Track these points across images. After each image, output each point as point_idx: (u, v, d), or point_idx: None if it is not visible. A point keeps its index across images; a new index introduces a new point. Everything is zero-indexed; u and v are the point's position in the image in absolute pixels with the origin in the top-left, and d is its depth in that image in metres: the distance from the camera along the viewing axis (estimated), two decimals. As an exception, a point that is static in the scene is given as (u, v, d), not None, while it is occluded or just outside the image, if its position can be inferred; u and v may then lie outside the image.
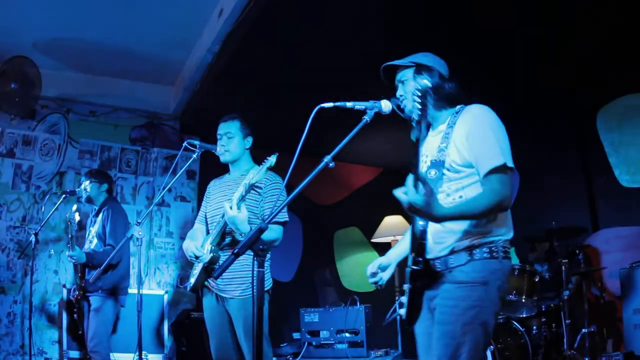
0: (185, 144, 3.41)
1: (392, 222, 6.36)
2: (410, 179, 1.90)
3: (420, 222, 2.08)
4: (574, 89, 4.91)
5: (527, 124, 5.06)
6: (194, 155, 3.45)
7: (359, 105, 2.16)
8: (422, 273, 2.09)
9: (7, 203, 5.24)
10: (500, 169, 1.97)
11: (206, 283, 3.16)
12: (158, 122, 6.01)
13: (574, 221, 4.81)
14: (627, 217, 4.76)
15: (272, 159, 2.82)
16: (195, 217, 3.58)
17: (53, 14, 4.63)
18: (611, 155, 4.93)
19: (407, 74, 2.26)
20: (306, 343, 5.16)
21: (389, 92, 2.35)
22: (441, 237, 2.10)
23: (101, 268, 3.78)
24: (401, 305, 2.24)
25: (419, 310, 2.16)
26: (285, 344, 5.42)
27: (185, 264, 5.76)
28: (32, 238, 4.58)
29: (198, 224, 3.40)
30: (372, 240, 6.61)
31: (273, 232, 3.07)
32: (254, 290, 1.93)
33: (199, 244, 3.15)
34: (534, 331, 4.27)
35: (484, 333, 1.99)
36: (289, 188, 2.27)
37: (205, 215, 3.36)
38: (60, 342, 4.98)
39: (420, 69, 2.22)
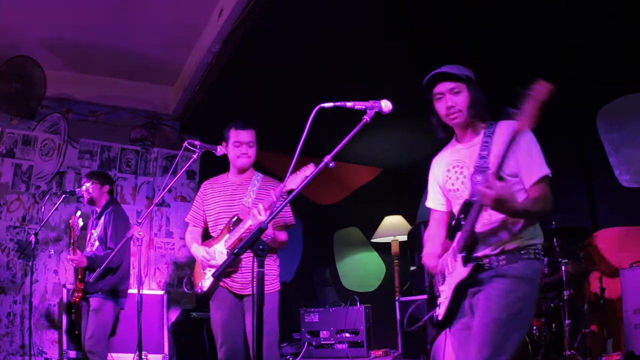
0: (185, 144, 3.41)
1: (392, 222, 6.36)
2: (487, 175, 2.05)
3: (481, 222, 2.21)
4: (574, 88, 4.91)
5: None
6: (194, 155, 3.45)
7: (359, 105, 2.17)
8: (480, 270, 2.22)
9: (7, 203, 5.24)
10: (546, 179, 2.23)
11: (222, 283, 3.23)
12: (158, 122, 6.01)
13: (574, 221, 4.80)
14: (627, 217, 4.76)
15: (310, 167, 2.89)
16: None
17: (53, 14, 4.63)
18: (611, 155, 4.93)
19: (461, 86, 2.33)
20: (306, 343, 5.16)
21: (388, 91, 2.36)
22: (491, 237, 2.25)
23: (101, 268, 3.78)
24: (437, 305, 2.33)
25: (458, 310, 2.29)
26: (285, 344, 5.42)
27: (184, 265, 5.77)
28: (32, 238, 4.57)
29: (194, 228, 3.46)
30: (372, 240, 6.61)
31: (281, 235, 3.28)
32: (254, 290, 1.94)
33: (210, 249, 3.23)
34: (534, 331, 4.27)
35: (526, 325, 2.20)
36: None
37: (203, 217, 3.41)
38: (60, 342, 4.98)
39: (470, 81, 2.34)
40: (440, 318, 2.31)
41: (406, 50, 4.38)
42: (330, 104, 2.13)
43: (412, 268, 5.78)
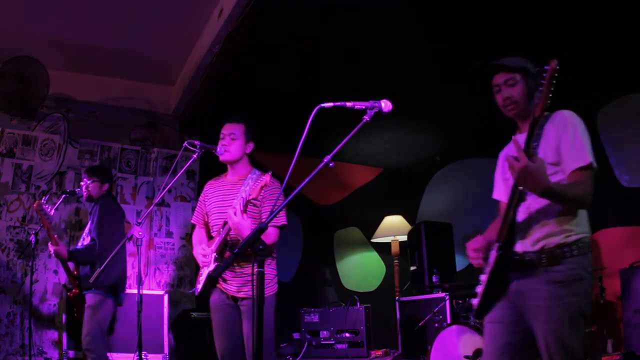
0: (185, 144, 3.40)
1: (392, 222, 6.36)
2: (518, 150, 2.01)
3: (522, 210, 2.17)
4: (574, 88, 4.91)
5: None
6: (194, 155, 3.45)
7: (359, 105, 2.17)
8: (508, 262, 2.16)
9: (7, 203, 5.25)
10: (587, 167, 2.17)
11: (218, 285, 3.18)
12: (158, 122, 6.01)
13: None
14: (627, 217, 4.76)
15: (265, 178, 2.84)
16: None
17: (54, 14, 4.63)
18: (611, 155, 4.93)
19: (516, 77, 2.33)
20: (306, 343, 5.16)
21: (388, 92, 2.35)
22: (530, 230, 2.20)
23: (101, 268, 3.75)
24: (474, 295, 2.31)
25: (494, 301, 2.24)
26: (285, 344, 5.42)
27: (184, 265, 5.77)
28: (32, 238, 4.57)
29: (199, 229, 3.40)
30: (372, 240, 6.61)
31: (268, 237, 3.06)
32: (254, 291, 1.93)
33: (207, 251, 3.16)
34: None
35: (584, 322, 2.16)
36: (289, 188, 2.27)
37: (204, 218, 3.36)
38: (60, 342, 4.98)
39: (527, 73, 2.32)
40: (474, 307, 2.31)
41: (408, 50, 4.38)
42: (330, 104, 2.14)
43: (412, 268, 5.78)
